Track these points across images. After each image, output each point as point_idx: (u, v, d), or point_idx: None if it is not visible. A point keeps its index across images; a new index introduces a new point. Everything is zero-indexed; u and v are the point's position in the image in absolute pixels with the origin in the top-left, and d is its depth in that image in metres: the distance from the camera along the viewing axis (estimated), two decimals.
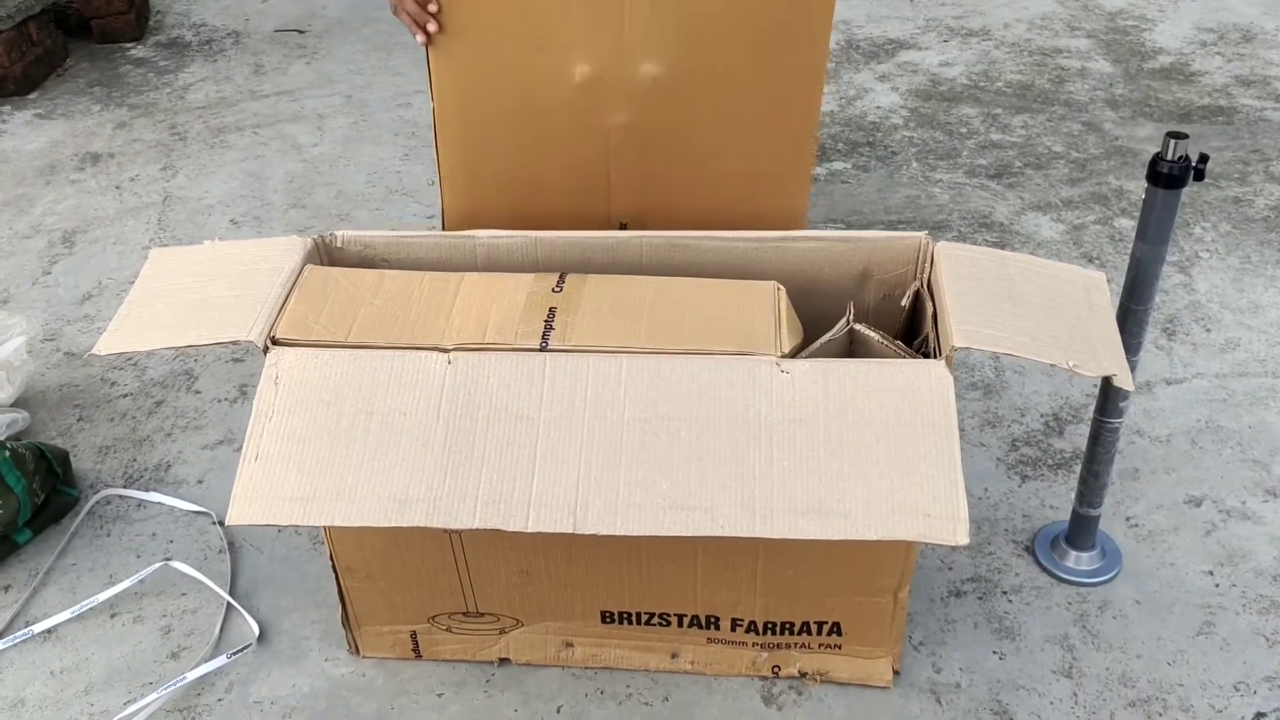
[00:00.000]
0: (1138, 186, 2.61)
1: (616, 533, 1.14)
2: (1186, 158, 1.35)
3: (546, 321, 1.27)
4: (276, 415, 1.22)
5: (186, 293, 1.35)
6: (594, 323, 1.27)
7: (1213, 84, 3.11)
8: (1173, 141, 1.35)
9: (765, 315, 1.27)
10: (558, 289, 1.32)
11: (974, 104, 3.05)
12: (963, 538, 1.12)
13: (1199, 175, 1.36)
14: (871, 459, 1.16)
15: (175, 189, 2.81)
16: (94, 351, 1.30)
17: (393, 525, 1.16)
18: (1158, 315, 2.18)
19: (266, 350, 1.27)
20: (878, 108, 3.06)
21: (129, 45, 3.62)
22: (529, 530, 1.14)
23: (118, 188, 2.82)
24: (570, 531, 1.14)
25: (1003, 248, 2.40)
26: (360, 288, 1.34)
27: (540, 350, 1.25)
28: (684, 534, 1.14)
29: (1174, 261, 2.35)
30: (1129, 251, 1.47)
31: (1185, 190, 1.39)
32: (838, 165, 2.79)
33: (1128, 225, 2.49)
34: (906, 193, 2.64)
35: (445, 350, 1.26)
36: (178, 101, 3.26)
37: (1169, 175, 1.36)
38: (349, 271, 1.37)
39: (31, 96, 3.31)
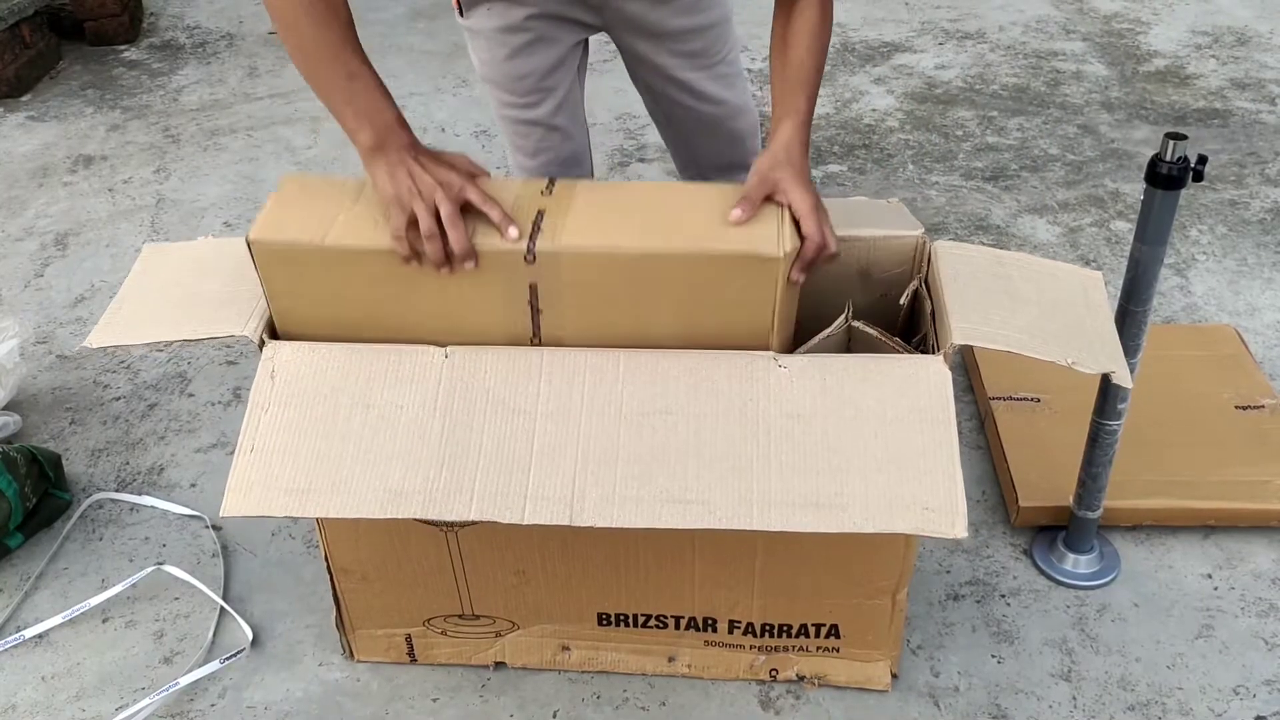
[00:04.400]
0: (1134, 189, 2.61)
1: (613, 525, 1.13)
2: (1185, 159, 1.35)
3: (535, 223, 1.24)
4: (272, 408, 1.21)
5: (179, 288, 1.34)
6: (584, 222, 1.24)
7: (1208, 87, 3.11)
8: (1171, 143, 1.35)
9: (768, 217, 1.24)
10: (547, 192, 1.30)
11: (970, 107, 3.05)
12: (961, 530, 1.11)
13: (1198, 176, 1.36)
14: (869, 453, 1.15)
15: (169, 191, 2.80)
16: (85, 344, 1.29)
17: (388, 516, 1.15)
18: (1155, 318, 2.18)
19: (262, 345, 1.26)
20: (873, 110, 3.06)
21: (122, 47, 3.61)
22: (525, 523, 1.13)
23: (111, 190, 2.81)
24: (567, 524, 1.13)
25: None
26: (341, 193, 1.31)
27: (535, 344, 1.25)
28: (681, 526, 1.13)
29: (1170, 264, 2.35)
30: (1126, 254, 1.46)
31: (1182, 193, 1.39)
32: (834, 168, 2.79)
33: (1124, 228, 2.48)
34: (903, 195, 2.63)
35: (442, 345, 1.26)
36: (171, 104, 3.25)
37: (1168, 176, 1.36)
38: (329, 178, 1.36)
39: (24, 99, 3.30)
